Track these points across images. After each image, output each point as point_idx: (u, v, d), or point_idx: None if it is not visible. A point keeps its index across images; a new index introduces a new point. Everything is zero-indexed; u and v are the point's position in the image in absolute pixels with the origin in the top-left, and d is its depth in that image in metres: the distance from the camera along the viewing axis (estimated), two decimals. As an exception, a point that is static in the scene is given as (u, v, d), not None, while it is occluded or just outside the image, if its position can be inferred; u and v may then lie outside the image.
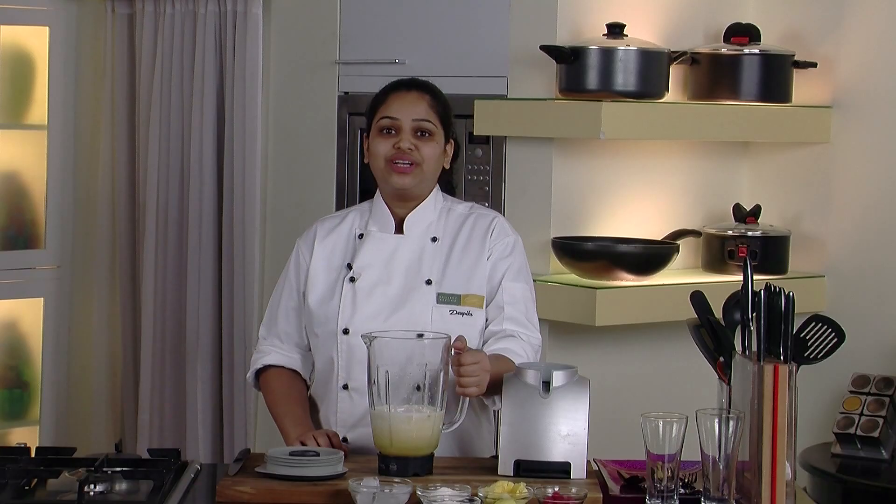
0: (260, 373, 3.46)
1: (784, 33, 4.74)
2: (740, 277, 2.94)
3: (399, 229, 3.39)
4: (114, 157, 5.40)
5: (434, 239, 3.38)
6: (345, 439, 3.28)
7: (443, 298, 3.34)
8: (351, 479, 2.82)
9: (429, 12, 4.74)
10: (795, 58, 4.64)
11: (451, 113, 3.42)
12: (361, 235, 3.40)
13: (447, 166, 3.44)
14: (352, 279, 3.35)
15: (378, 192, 3.44)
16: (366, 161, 3.43)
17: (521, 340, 3.32)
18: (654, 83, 4.40)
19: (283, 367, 3.44)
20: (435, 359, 3.03)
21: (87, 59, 5.52)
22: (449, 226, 3.41)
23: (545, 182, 4.43)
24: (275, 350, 3.45)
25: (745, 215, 4.65)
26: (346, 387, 3.32)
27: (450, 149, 3.42)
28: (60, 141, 5.50)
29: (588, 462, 3.06)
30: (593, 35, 4.40)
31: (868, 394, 4.45)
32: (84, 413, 5.54)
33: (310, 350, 3.43)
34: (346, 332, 3.32)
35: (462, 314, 3.33)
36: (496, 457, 3.08)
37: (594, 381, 3.16)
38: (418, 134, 3.34)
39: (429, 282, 3.34)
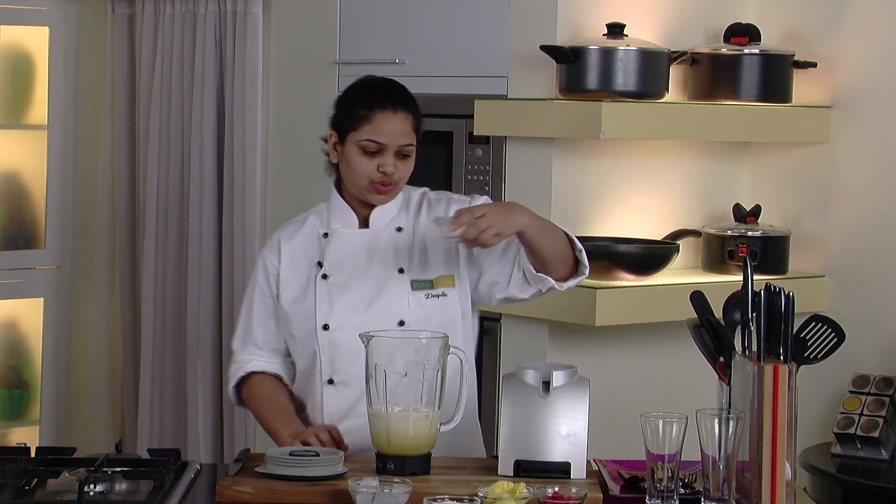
0: (241, 384, 3.46)
1: (784, 33, 4.74)
2: (740, 277, 2.94)
3: (362, 224, 3.41)
4: (114, 157, 5.40)
5: (399, 229, 3.40)
6: None
7: (416, 285, 3.36)
8: (351, 479, 2.82)
9: (429, 12, 4.74)
10: (795, 58, 4.64)
11: (422, 120, 3.42)
12: (326, 234, 3.41)
13: None
14: (324, 276, 3.36)
15: (336, 191, 3.44)
16: (333, 161, 3.42)
17: None
18: (654, 83, 4.40)
19: (265, 372, 3.44)
20: (433, 358, 3.03)
21: (87, 59, 5.52)
22: (410, 214, 3.43)
23: (545, 182, 4.43)
24: (255, 358, 3.45)
25: (745, 215, 4.65)
26: (331, 381, 3.33)
27: None
28: (60, 141, 5.50)
29: (588, 462, 3.06)
30: (593, 35, 4.40)
31: (868, 394, 4.45)
32: (84, 413, 5.54)
33: (289, 355, 3.44)
34: (325, 327, 3.33)
35: (437, 296, 3.36)
36: (496, 457, 3.08)
37: (594, 381, 3.16)
38: (400, 155, 3.34)
39: (401, 270, 3.36)
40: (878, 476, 4.28)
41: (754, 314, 2.86)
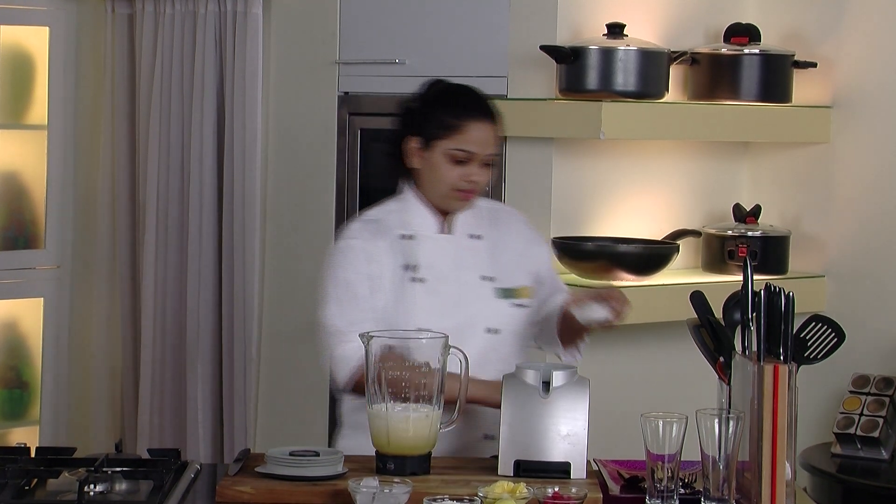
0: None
1: (784, 33, 4.74)
2: (740, 277, 2.94)
3: (442, 229, 3.42)
4: (114, 157, 5.40)
5: (477, 236, 3.43)
6: None
7: (500, 293, 3.41)
8: (350, 479, 2.82)
9: (429, 12, 4.74)
10: (795, 58, 4.64)
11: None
12: (409, 236, 3.41)
13: None
14: (415, 279, 3.36)
15: (410, 192, 3.43)
16: (414, 165, 3.41)
17: None
18: (654, 83, 4.40)
19: None
20: (433, 358, 3.03)
21: (87, 59, 5.52)
22: (482, 222, 3.46)
23: (545, 182, 4.43)
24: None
25: (745, 215, 4.65)
26: None
27: None
28: (60, 141, 5.50)
29: (588, 462, 3.06)
30: (593, 35, 4.40)
31: (868, 394, 4.46)
32: (84, 413, 5.54)
33: None
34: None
35: (520, 306, 3.42)
36: (496, 457, 3.08)
37: (594, 381, 3.16)
38: (484, 164, 3.37)
39: (485, 278, 3.40)
40: (878, 476, 4.28)
41: (754, 314, 2.86)
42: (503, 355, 3.37)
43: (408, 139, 3.40)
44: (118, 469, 2.97)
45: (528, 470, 3.02)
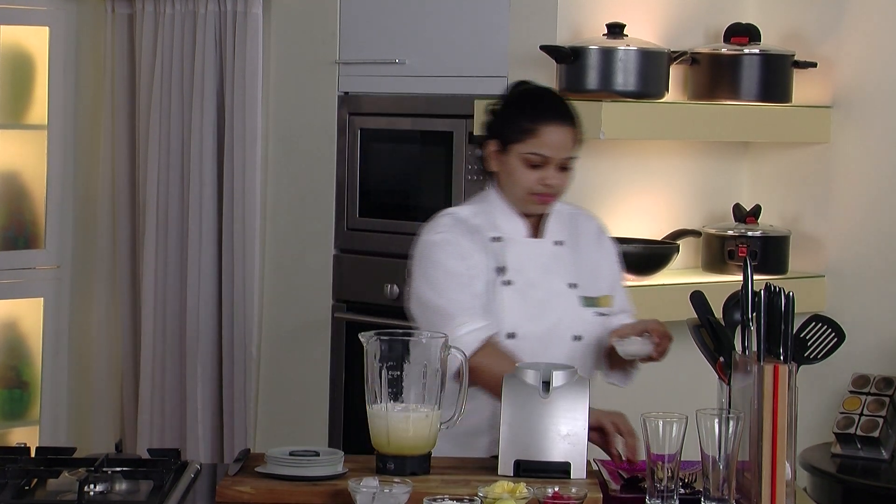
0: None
1: (784, 33, 4.74)
2: (740, 277, 2.94)
3: (529, 233, 3.43)
4: (114, 157, 5.40)
5: (560, 242, 3.45)
6: None
7: (584, 301, 3.42)
8: (350, 479, 2.82)
9: (429, 12, 4.74)
10: (795, 58, 4.64)
11: (582, 130, 3.45)
12: (497, 238, 3.41)
13: None
14: (507, 283, 3.37)
15: (494, 194, 3.44)
16: (493, 169, 3.43)
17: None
18: (654, 83, 4.40)
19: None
20: (433, 358, 3.03)
21: (87, 59, 5.52)
22: (564, 228, 3.47)
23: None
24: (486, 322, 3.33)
25: (745, 215, 4.66)
26: None
27: None
28: (60, 141, 5.50)
29: (588, 462, 3.06)
30: (593, 35, 4.40)
31: (868, 394, 4.46)
32: (84, 413, 5.54)
33: None
34: (511, 335, 3.34)
35: (603, 315, 3.44)
36: (496, 457, 3.08)
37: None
38: (561, 168, 3.38)
39: (571, 285, 3.41)
40: (878, 476, 4.29)
41: (754, 314, 2.86)
42: (585, 363, 3.39)
43: (488, 143, 3.42)
44: (118, 469, 2.97)
45: (528, 470, 3.01)
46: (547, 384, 3.06)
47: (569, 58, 4.32)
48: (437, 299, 3.35)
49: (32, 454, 3.09)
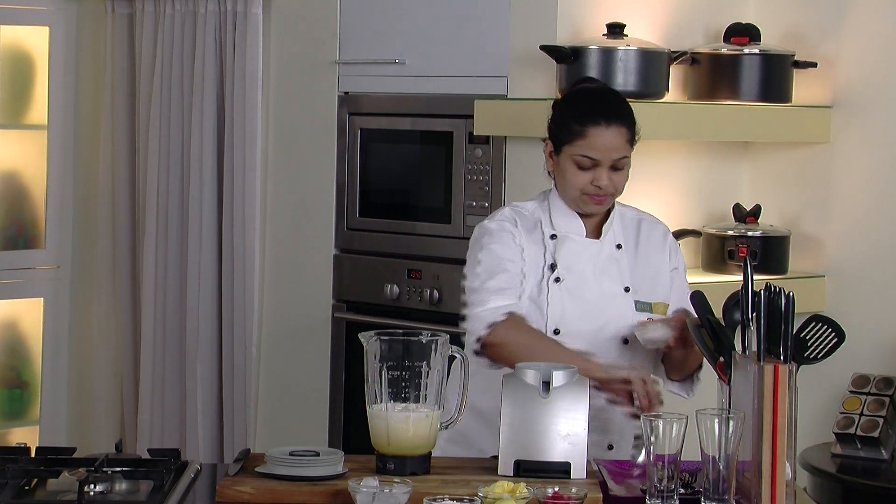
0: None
1: (784, 33, 4.74)
2: (740, 277, 2.94)
3: (587, 233, 3.42)
4: (114, 157, 5.40)
5: (619, 246, 3.43)
6: None
7: (639, 306, 3.40)
8: (351, 479, 2.81)
9: (429, 12, 4.74)
10: (795, 58, 4.64)
11: (637, 128, 3.41)
12: (554, 236, 3.41)
13: None
14: (557, 279, 3.37)
15: (554, 193, 3.45)
16: (549, 169, 3.44)
17: None
18: (654, 83, 4.40)
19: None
20: (433, 358, 3.03)
21: (87, 59, 5.52)
22: (627, 232, 3.46)
23: (545, 182, 4.42)
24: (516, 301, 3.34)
25: (745, 215, 4.65)
26: None
27: None
28: (60, 141, 5.50)
29: (588, 462, 3.06)
30: (593, 35, 4.40)
31: (868, 394, 4.45)
32: (84, 413, 5.54)
33: None
34: (556, 332, 3.34)
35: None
36: (496, 457, 3.08)
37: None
38: (614, 168, 3.36)
39: (626, 289, 3.39)
40: (878, 476, 4.28)
41: (754, 314, 2.86)
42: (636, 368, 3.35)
43: (545, 143, 3.44)
44: (118, 469, 2.97)
45: (528, 470, 3.01)
46: (547, 384, 3.06)
47: (569, 58, 4.32)
48: (473, 279, 3.37)
49: (32, 454, 3.08)
